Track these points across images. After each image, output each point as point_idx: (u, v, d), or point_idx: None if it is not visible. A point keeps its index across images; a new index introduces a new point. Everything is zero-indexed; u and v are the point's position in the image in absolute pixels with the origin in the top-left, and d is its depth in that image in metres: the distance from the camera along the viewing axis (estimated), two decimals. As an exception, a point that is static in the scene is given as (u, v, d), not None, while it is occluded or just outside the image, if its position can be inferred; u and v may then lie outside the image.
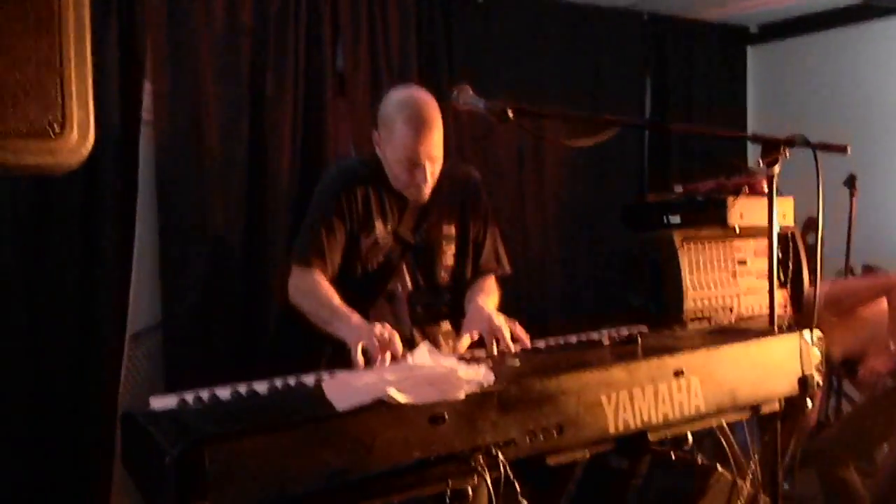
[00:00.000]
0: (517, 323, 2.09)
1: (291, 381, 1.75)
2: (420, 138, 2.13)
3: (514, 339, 2.05)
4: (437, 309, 2.38)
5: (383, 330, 1.91)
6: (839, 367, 3.46)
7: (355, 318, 2.04)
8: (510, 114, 1.89)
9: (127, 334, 3.02)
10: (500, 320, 2.09)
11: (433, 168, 2.20)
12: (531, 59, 3.85)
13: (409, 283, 2.33)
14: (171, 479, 1.26)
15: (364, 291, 2.27)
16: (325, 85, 3.28)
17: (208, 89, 3.06)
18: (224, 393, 1.67)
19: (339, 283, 2.23)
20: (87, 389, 2.90)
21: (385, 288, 2.31)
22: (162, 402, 1.63)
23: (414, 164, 2.16)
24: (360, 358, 1.86)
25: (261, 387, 1.70)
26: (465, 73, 3.48)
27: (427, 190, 2.24)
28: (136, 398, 3.03)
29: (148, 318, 3.10)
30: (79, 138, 1.12)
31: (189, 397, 1.65)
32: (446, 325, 2.41)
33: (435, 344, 2.28)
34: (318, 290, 2.17)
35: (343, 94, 3.38)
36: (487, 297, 2.33)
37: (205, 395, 1.66)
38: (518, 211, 3.88)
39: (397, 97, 2.21)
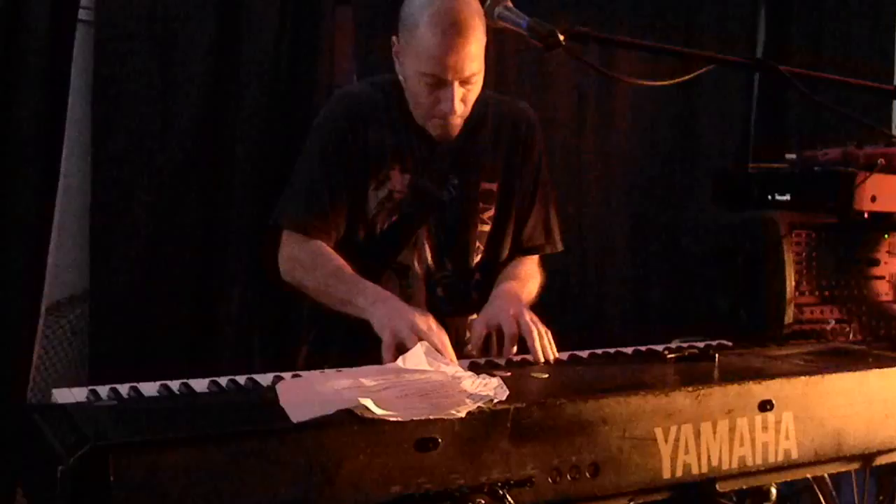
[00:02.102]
0: (549, 332, 2.07)
1: (241, 379, 1.75)
2: (449, 45, 2.08)
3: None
4: (466, 293, 2.36)
5: (429, 323, 1.92)
6: None
7: (386, 294, 2.07)
8: (561, 38, 1.85)
9: (43, 305, 3.03)
10: (531, 318, 2.06)
11: (465, 92, 2.17)
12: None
13: (428, 256, 2.31)
14: (64, 495, 1.26)
15: (365, 263, 2.24)
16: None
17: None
18: (150, 389, 1.67)
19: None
20: (-12, 373, 2.93)
21: (395, 259, 2.29)
22: (67, 396, 1.64)
23: (438, 83, 2.13)
24: (391, 355, 1.87)
25: (199, 384, 1.71)
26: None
27: (456, 122, 2.21)
28: (52, 387, 3.04)
29: (72, 285, 3.11)
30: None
31: (103, 391, 1.65)
32: (474, 315, 2.37)
33: (460, 340, 2.27)
34: (325, 260, 2.18)
35: (347, 1, 3.36)
36: (524, 284, 2.31)
37: (124, 389, 1.66)
38: (574, 175, 3.85)
39: None
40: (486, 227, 2.35)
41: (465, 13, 2.11)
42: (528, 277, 2.37)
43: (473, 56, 2.12)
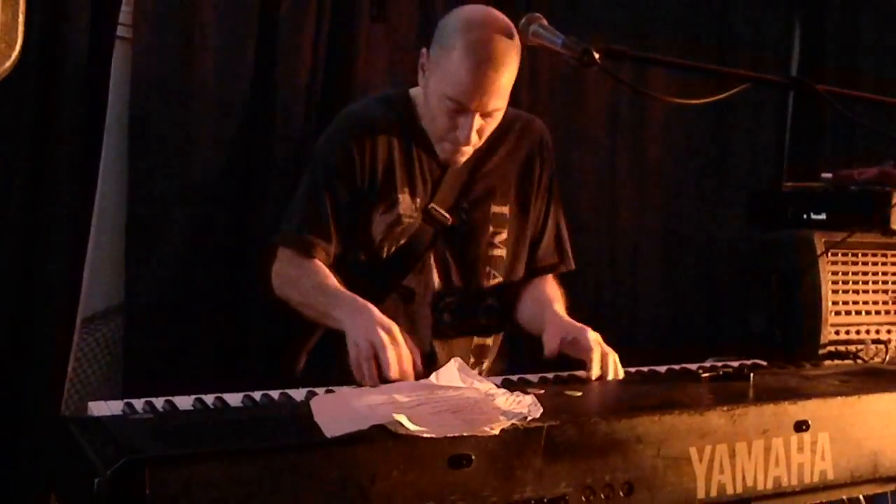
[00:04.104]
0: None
1: (274, 393, 1.75)
2: (480, 78, 2.07)
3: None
4: (474, 319, 2.34)
5: (391, 337, 1.88)
6: None
7: (360, 305, 2.00)
8: (596, 56, 1.84)
9: (79, 317, 3.06)
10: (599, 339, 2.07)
11: (483, 125, 2.15)
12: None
13: (435, 281, 2.28)
14: (100, 507, 1.26)
15: (368, 285, 2.21)
16: (358, 5, 3.27)
17: (206, 1, 3.07)
18: (184, 402, 1.68)
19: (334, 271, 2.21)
20: (24, 386, 2.94)
21: (399, 283, 2.27)
22: (103, 409, 1.66)
23: (460, 109, 2.11)
24: (359, 373, 1.86)
25: (233, 398, 1.71)
26: (550, 4, 3.42)
27: (466, 151, 2.20)
28: (86, 399, 3.07)
29: (107, 298, 3.13)
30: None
31: (138, 404, 1.66)
32: (482, 339, 2.37)
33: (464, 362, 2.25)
34: (311, 274, 2.15)
35: (383, 19, 3.36)
36: (563, 307, 2.29)
37: (159, 403, 1.67)
38: (607, 194, 3.84)
39: (469, 14, 2.16)
40: (500, 252, 2.32)
41: (503, 47, 2.09)
42: (558, 296, 2.34)
43: (502, 92, 2.11)
